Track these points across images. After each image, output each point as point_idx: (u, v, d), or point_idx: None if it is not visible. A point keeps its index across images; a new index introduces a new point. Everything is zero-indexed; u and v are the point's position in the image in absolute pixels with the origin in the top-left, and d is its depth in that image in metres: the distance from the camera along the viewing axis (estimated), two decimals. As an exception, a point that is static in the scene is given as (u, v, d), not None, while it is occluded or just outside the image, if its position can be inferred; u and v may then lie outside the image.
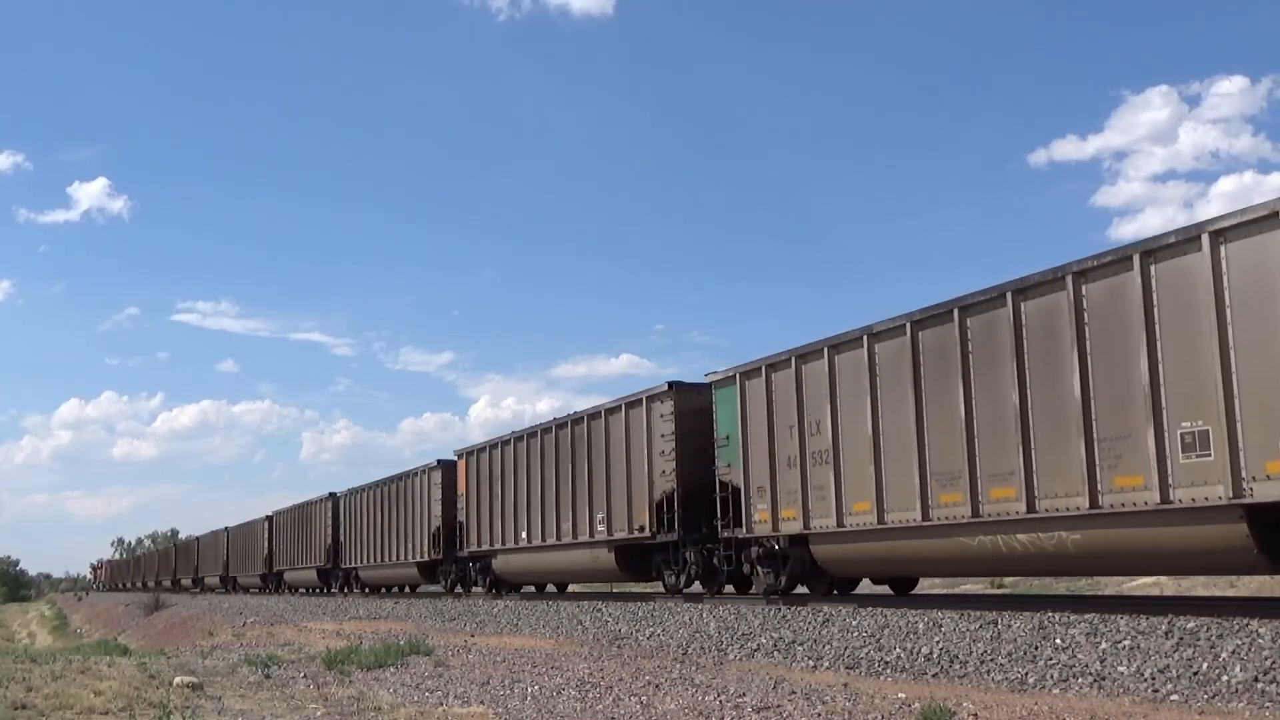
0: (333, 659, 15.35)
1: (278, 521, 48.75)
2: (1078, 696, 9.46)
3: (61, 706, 10.85)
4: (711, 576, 18.63)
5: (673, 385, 18.96)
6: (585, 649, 15.63)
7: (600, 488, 20.92)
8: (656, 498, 18.96)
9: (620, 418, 20.33)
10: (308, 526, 43.58)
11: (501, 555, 25.47)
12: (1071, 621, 11.06)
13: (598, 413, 21.29)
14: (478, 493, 26.61)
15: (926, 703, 9.13)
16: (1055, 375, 11.89)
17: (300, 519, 44.85)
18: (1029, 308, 12.26)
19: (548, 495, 23.01)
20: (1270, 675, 8.70)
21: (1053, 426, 11.90)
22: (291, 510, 46.65)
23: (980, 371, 12.87)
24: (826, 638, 13.21)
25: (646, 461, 19.33)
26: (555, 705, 10.86)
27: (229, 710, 10.97)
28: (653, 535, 19.08)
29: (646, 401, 19.47)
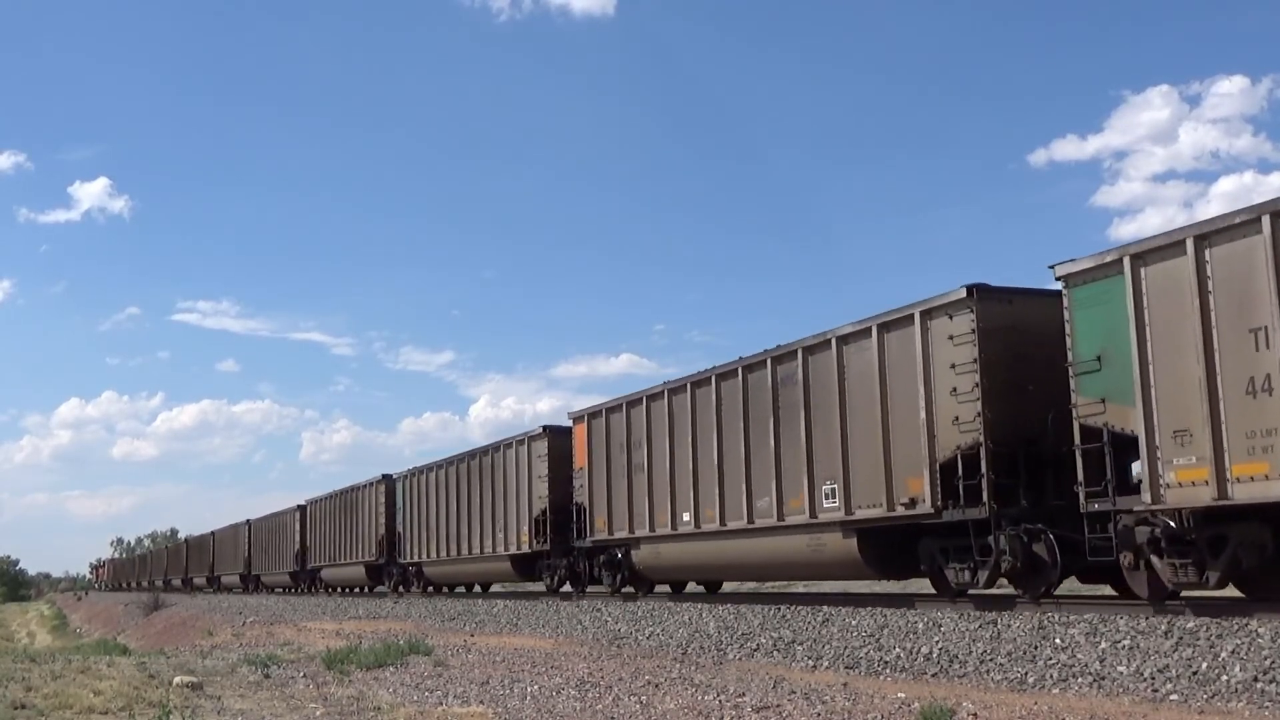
0: (332, 659, 15.35)
1: (313, 512, 42.22)
2: (1077, 696, 9.46)
3: (61, 706, 10.85)
4: None
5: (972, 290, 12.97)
6: (585, 649, 15.63)
7: (827, 448, 14.99)
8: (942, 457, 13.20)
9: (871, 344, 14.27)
10: (353, 516, 36.69)
11: (646, 545, 19.69)
12: (1071, 621, 11.06)
13: (825, 342, 15.12)
14: (606, 465, 20.75)
15: (926, 702, 9.13)
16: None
17: (343, 508, 37.85)
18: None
19: (729, 463, 17.12)
20: (1269, 675, 8.70)
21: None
22: (331, 498, 39.75)
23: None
24: (826, 637, 13.21)
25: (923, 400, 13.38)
26: (555, 705, 10.86)
27: (228, 710, 10.97)
28: (937, 511, 13.25)
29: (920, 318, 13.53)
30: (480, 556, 26.64)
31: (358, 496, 36.34)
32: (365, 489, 35.59)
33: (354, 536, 36.37)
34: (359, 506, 36.08)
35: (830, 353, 14.94)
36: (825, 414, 15.02)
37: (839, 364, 14.80)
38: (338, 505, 38.45)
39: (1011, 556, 12.58)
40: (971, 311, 12.84)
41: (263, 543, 49.58)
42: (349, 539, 36.88)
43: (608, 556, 21.17)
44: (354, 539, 36.37)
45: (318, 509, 41.51)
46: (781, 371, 16.04)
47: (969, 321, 12.84)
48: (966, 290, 12.88)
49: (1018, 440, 12.67)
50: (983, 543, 12.91)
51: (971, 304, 12.83)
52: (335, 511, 38.78)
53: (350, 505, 37.01)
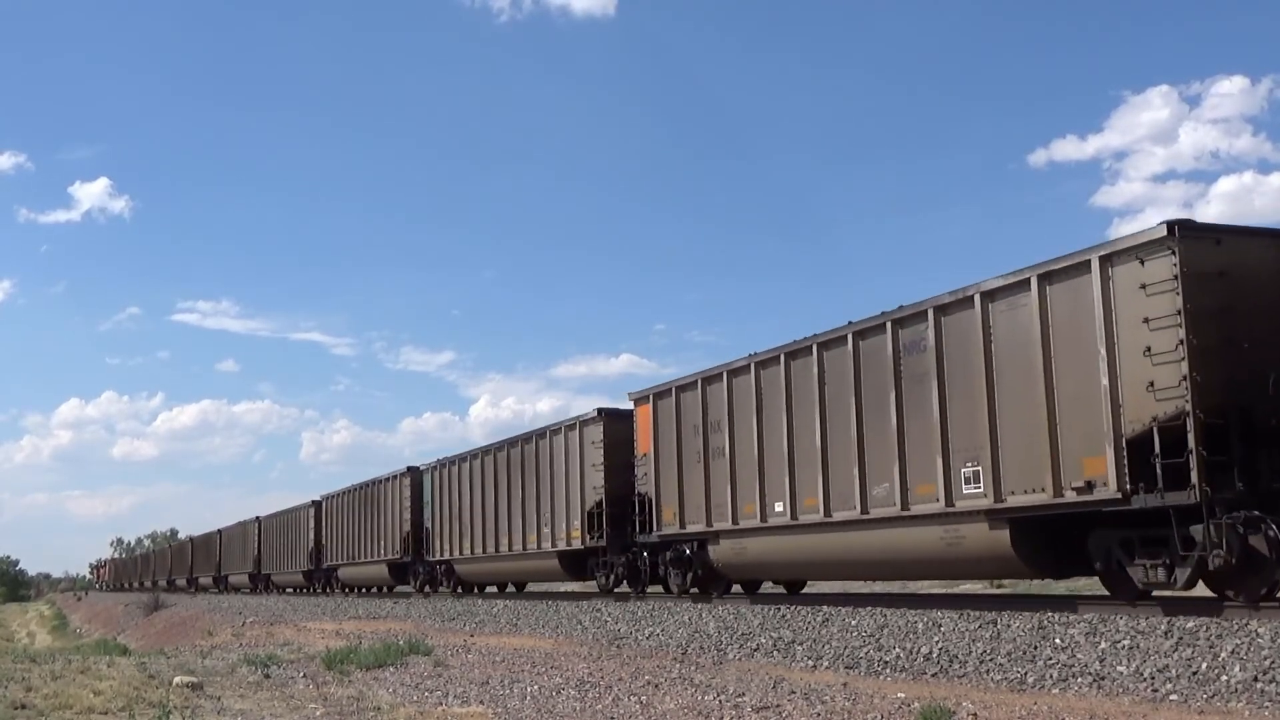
0: (332, 659, 15.35)
1: (329, 508, 40.76)
2: (1077, 696, 9.46)
3: (61, 706, 10.86)
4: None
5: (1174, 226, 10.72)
6: (584, 649, 15.63)
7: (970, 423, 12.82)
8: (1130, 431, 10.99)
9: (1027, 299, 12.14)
10: (375, 511, 34.75)
11: (726, 540, 17.49)
12: (1071, 621, 11.06)
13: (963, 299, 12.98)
14: (677, 450, 18.59)
15: (926, 702, 9.13)
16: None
17: (363, 503, 35.97)
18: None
19: (836, 444, 14.97)
20: (1269, 675, 8.70)
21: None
22: (350, 493, 37.91)
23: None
24: (826, 637, 13.21)
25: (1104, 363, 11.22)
26: (554, 705, 10.86)
27: (228, 710, 10.97)
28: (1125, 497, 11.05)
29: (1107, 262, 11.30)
30: (523, 554, 24.52)
31: (380, 490, 34.40)
32: (388, 482, 33.75)
33: (376, 533, 34.51)
34: (381, 501, 34.08)
35: (973, 311, 12.74)
36: (965, 384, 12.87)
37: (984, 325, 12.61)
38: (357, 500, 36.59)
39: (1225, 551, 10.32)
40: (1173, 254, 10.58)
41: (274, 541, 47.83)
42: (370, 536, 35.04)
43: (675, 553, 19.05)
44: (376, 535, 34.50)
45: (334, 504, 39.70)
46: (905, 336, 13.84)
47: (1170, 266, 10.60)
48: (1167, 228, 10.64)
49: (1232, 409, 10.52)
50: (1184, 534, 10.72)
51: (1173, 244, 10.57)
52: (354, 507, 36.93)
53: (371, 500, 35.05)
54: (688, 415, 18.37)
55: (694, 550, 18.48)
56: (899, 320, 13.91)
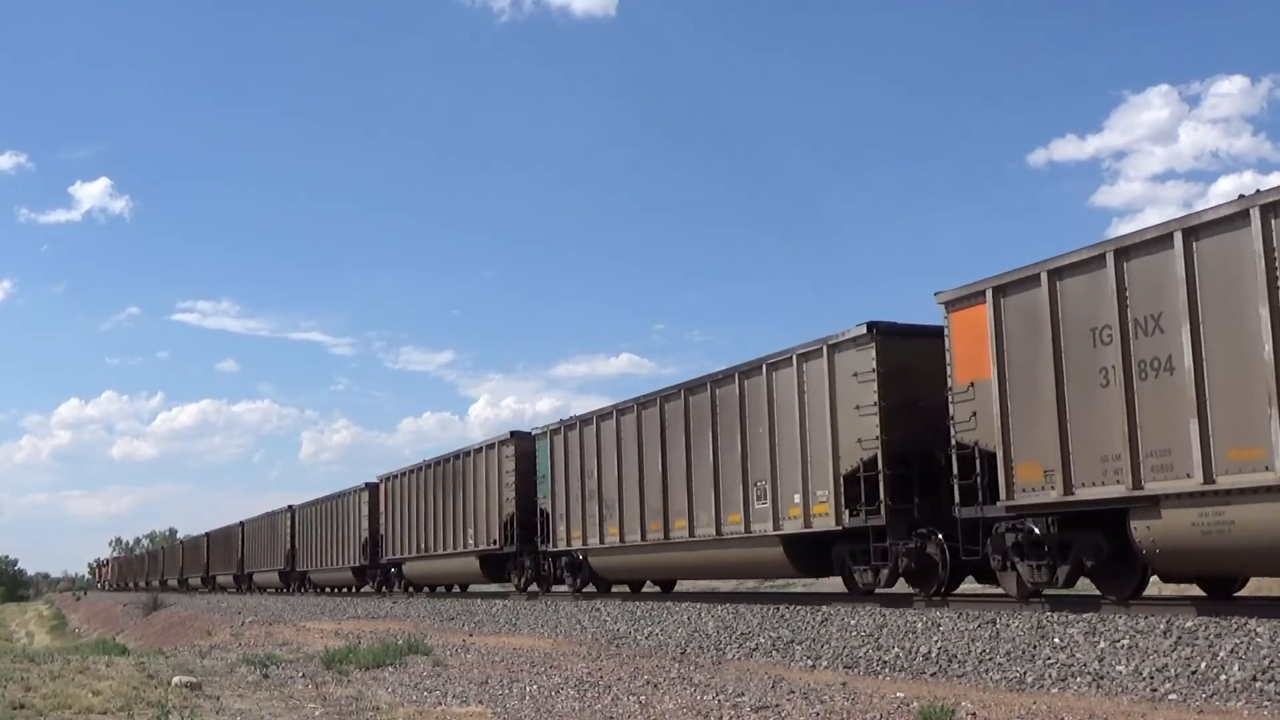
0: (331, 659, 15.35)
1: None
2: (1076, 695, 9.47)
3: (60, 706, 10.85)
4: None
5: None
6: (584, 649, 15.63)
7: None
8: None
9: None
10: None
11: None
12: (1070, 621, 11.07)
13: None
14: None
15: (925, 702, 9.13)
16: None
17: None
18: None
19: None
20: (1268, 674, 8.71)
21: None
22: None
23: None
24: (825, 637, 13.21)
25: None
26: (554, 705, 10.86)
27: (227, 710, 10.97)
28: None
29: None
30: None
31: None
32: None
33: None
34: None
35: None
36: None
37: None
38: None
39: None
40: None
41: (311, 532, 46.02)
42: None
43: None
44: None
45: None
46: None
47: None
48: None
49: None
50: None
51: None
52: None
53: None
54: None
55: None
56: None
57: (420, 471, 30.30)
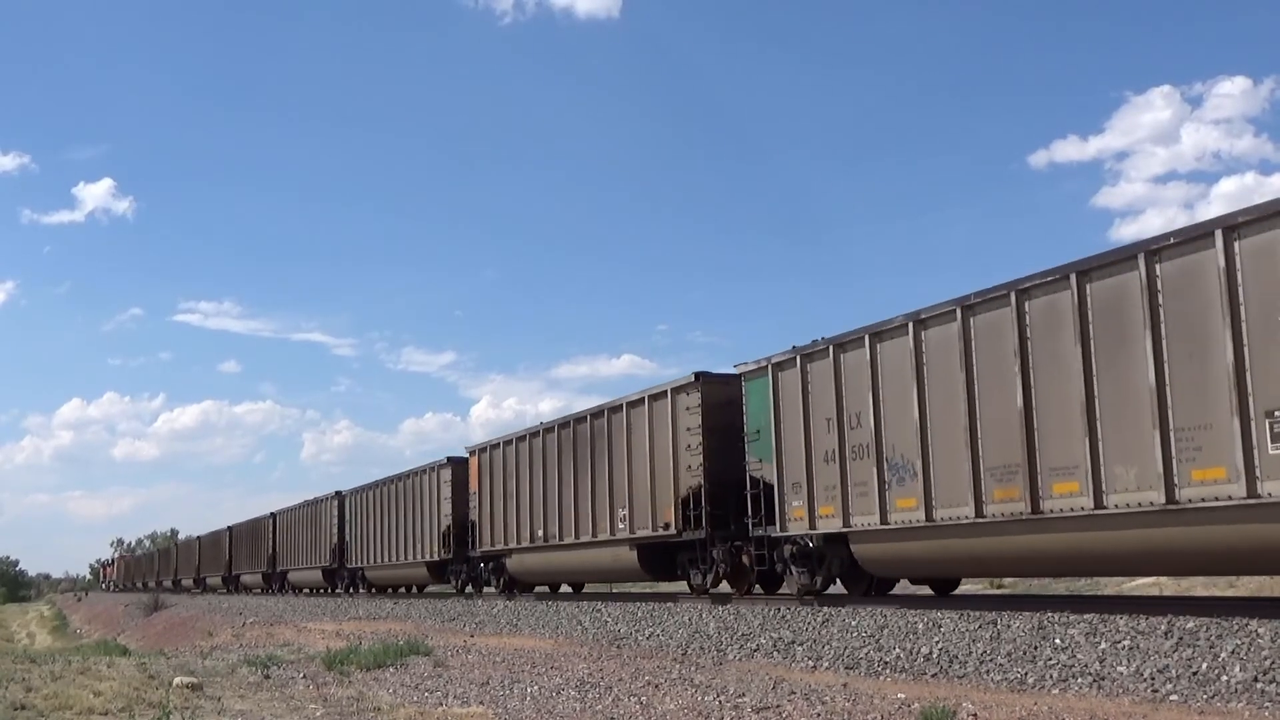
0: (332, 659, 15.36)
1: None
2: (1077, 696, 9.46)
3: (61, 707, 10.86)
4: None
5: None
6: (585, 649, 15.63)
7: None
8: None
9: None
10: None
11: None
12: (1071, 621, 11.06)
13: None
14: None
15: (926, 703, 9.13)
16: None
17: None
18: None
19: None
20: (1270, 675, 8.71)
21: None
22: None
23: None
24: (826, 638, 13.21)
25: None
26: (555, 705, 10.85)
27: (228, 710, 10.97)
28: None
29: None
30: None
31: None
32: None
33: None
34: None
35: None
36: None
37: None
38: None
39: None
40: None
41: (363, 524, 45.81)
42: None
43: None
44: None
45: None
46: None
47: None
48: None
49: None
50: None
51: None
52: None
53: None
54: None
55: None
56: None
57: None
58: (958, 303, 13.11)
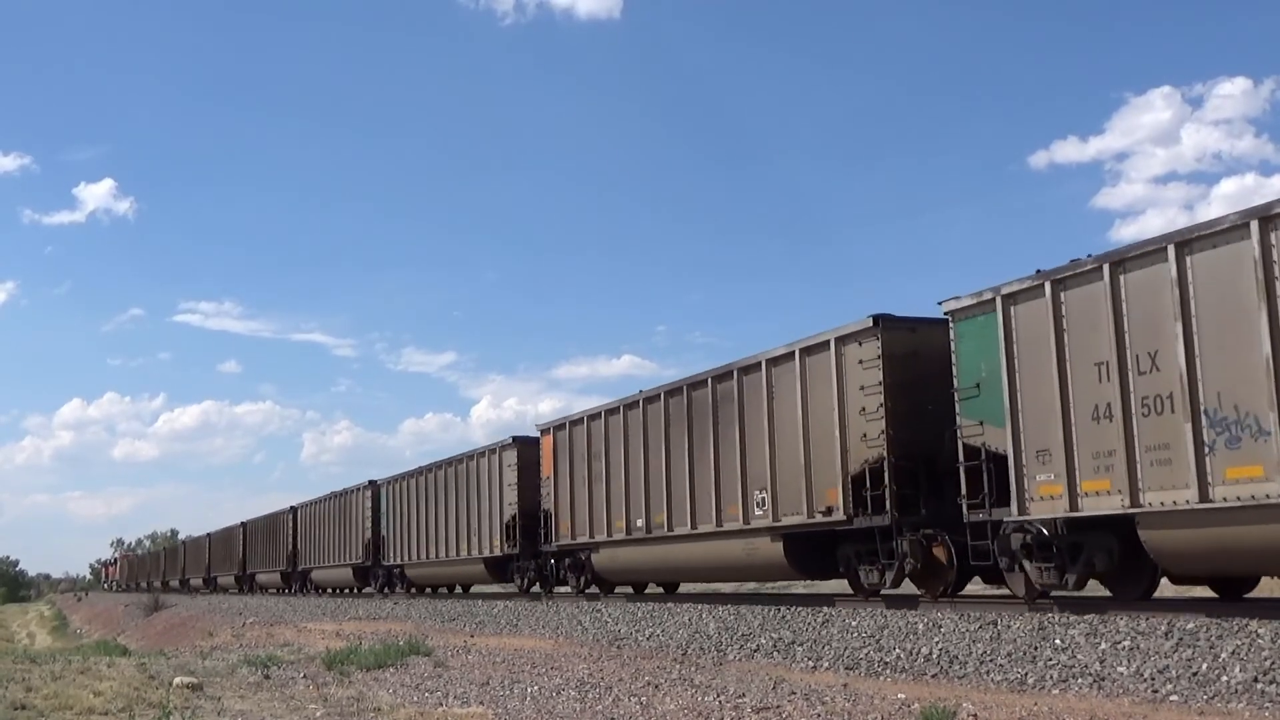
0: (332, 659, 15.36)
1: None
2: (1077, 697, 9.46)
3: (61, 707, 10.86)
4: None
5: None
6: (585, 649, 15.63)
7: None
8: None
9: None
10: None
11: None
12: (1071, 622, 11.06)
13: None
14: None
15: (926, 703, 9.13)
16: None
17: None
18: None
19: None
20: (1270, 676, 8.70)
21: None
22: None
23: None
24: (826, 638, 13.21)
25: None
26: (555, 706, 10.85)
27: (228, 711, 10.97)
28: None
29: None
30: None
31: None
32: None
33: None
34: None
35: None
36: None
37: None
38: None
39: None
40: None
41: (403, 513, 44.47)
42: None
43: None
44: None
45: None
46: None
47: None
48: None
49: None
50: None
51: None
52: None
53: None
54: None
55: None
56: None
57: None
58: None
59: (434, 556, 28.85)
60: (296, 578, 42.53)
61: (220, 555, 58.04)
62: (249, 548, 51.57)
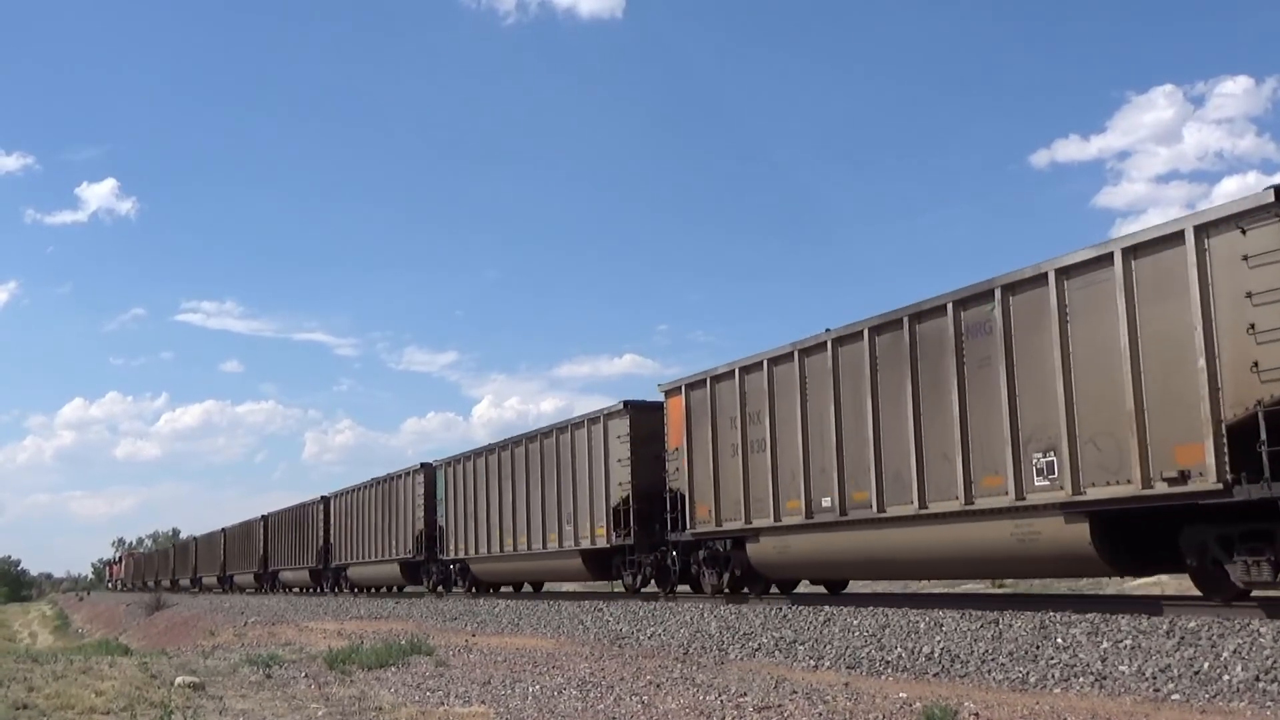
0: (334, 659, 15.35)
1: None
2: (1079, 696, 9.46)
3: (63, 706, 10.86)
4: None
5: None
6: (586, 649, 15.63)
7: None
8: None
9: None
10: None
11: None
12: (1073, 621, 11.06)
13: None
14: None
15: (928, 702, 9.12)
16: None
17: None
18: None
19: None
20: (1272, 674, 8.70)
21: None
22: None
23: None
24: (828, 637, 13.21)
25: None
26: (556, 705, 10.85)
27: (230, 710, 10.97)
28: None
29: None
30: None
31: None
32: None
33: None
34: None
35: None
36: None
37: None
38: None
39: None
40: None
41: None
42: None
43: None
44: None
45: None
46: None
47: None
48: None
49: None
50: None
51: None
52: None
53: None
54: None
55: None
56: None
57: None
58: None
59: (509, 550, 24.91)
60: (329, 575, 39.08)
61: (238, 552, 54.18)
62: (271, 543, 47.52)
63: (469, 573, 27.89)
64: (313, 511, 40.51)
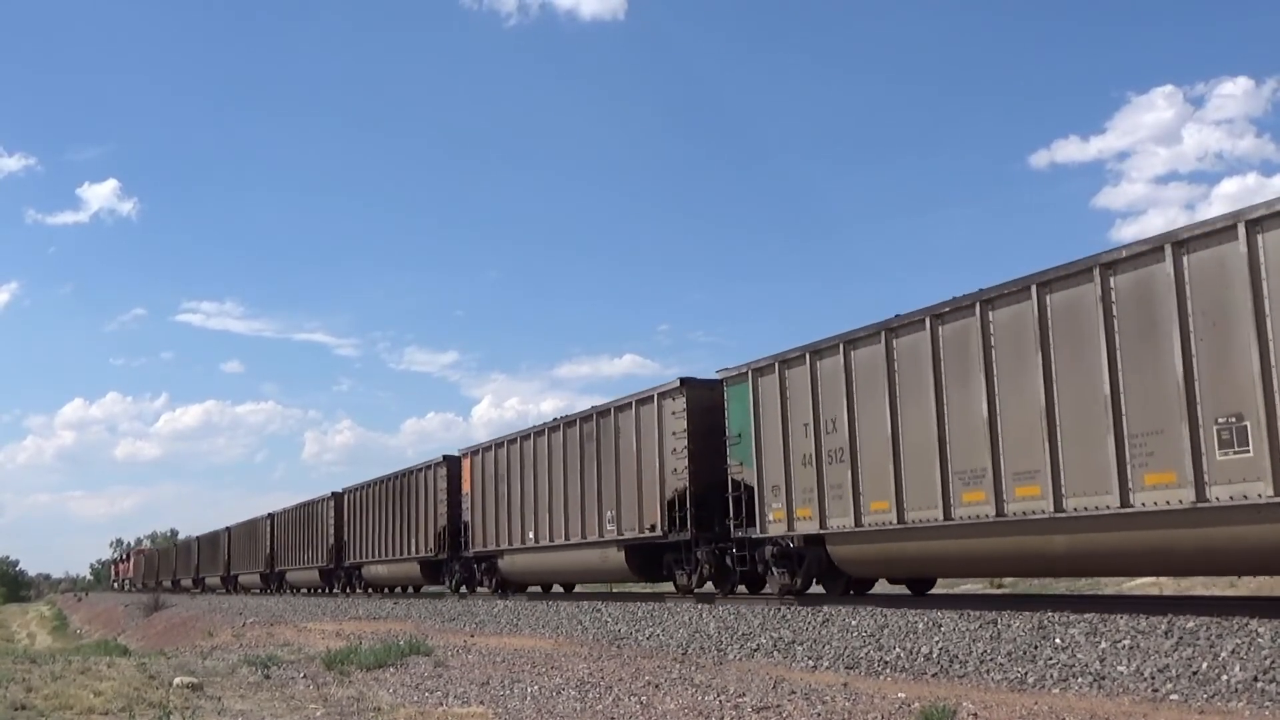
0: (332, 659, 15.35)
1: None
2: (1077, 696, 9.46)
3: (61, 707, 10.86)
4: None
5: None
6: (585, 649, 15.63)
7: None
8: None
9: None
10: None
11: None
12: (1071, 621, 11.06)
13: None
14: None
15: (926, 702, 9.13)
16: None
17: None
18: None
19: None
20: (1270, 674, 8.70)
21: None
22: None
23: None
24: (826, 638, 13.21)
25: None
26: (555, 705, 10.85)
27: (229, 710, 10.97)
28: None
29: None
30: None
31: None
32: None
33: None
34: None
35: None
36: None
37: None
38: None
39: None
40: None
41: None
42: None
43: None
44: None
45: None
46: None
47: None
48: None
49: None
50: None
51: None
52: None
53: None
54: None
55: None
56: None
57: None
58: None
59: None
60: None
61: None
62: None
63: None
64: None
